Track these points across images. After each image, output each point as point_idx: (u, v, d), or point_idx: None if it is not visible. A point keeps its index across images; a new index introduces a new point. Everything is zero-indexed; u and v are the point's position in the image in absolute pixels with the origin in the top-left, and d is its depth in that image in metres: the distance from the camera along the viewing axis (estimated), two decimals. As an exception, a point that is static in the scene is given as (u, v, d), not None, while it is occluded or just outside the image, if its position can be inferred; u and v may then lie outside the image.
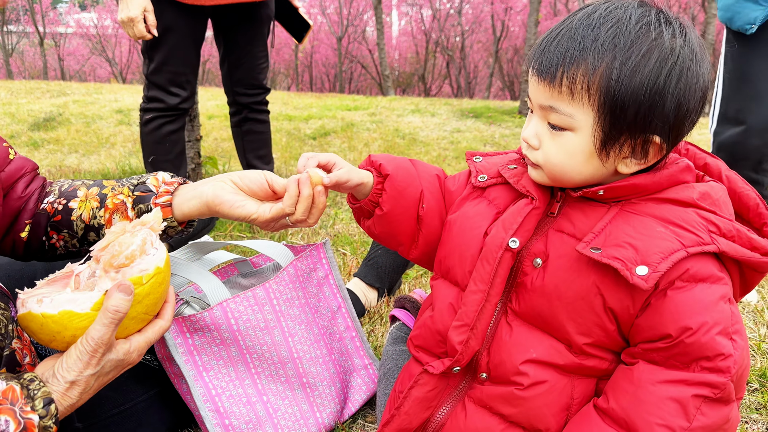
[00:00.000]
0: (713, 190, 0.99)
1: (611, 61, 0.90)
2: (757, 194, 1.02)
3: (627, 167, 0.97)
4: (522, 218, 1.02)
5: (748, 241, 0.95)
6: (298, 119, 6.92)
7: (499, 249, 1.01)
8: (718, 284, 0.92)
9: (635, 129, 0.93)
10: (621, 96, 0.90)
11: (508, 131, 6.32)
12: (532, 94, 0.99)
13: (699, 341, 0.89)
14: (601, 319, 0.96)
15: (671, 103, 0.91)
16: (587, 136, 0.95)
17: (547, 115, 0.97)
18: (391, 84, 13.62)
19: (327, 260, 1.36)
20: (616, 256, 0.91)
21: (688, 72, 0.92)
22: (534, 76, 0.97)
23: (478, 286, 1.02)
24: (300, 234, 2.70)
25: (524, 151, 1.03)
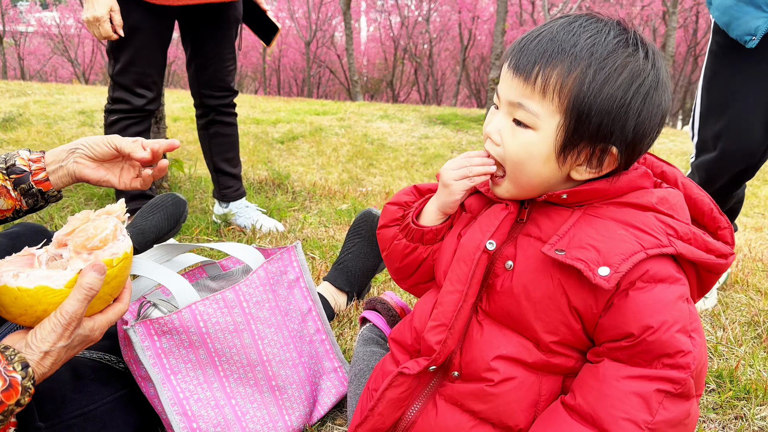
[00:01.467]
0: (671, 196, 1.04)
1: (586, 67, 0.94)
2: (711, 200, 1.07)
3: (579, 174, 1.02)
4: (499, 221, 1.05)
5: (703, 243, 1.00)
6: (265, 123, 6.87)
7: (477, 250, 1.04)
8: (677, 284, 0.97)
9: (596, 138, 0.97)
10: (589, 103, 0.94)
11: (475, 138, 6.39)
12: (504, 90, 1.02)
13: (660, 339, 0.92)
14: (566, 317, 1.00)
15: (633, 120, 0.96)
16: (549, 137, 0.98)
17: (514, 112, 1.00)
18: (360, 89, 13.64)
19: (298, 263, 1.36)
20: (580, 257, 0.95)
21: (654, 93, 0.97)
22: (509, 71, 1.00)
23: (455, 287, 1.05)
24: (269, 238, 2.68)
25: (486, 146, 1.06)
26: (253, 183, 3.80)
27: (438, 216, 1.16)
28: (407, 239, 1.17)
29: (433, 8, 18.85)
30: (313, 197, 3.56)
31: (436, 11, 19.26)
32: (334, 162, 5.43)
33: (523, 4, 17.23)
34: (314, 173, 5.12)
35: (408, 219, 1.18)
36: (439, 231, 1.16)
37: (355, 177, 5.05)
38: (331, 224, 2.99)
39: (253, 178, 3.97)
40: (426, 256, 1.18)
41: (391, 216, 1.20)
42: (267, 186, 3.75)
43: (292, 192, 3.63)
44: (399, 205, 1.21)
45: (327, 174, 5.11)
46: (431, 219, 1.17)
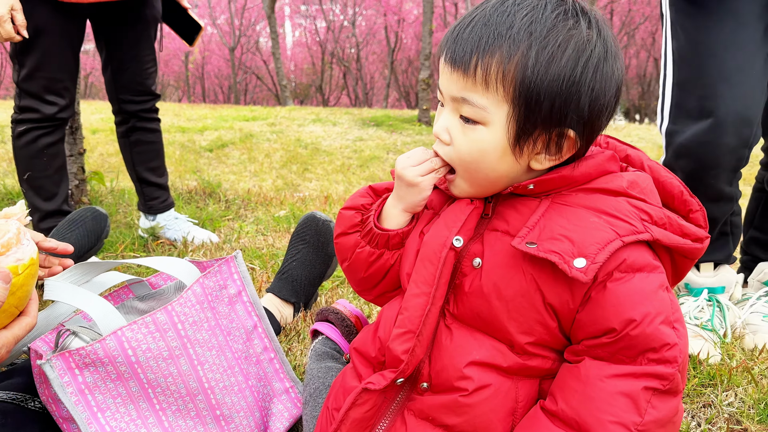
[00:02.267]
0: (640, 179, 0.98)
1: (527, 49, 0.87)
2: (680, 182, 1.02)
3: (540, 163, 0.95)
4: (465, 216, 0.97)
5: (679, 228, 0.95)
6: (192, 131, 6.61)
7: (443, 248, 0.95)
8: (655, 273, 0.91)
9: (550, 122, 0.90)
10: (537, 87, 0.87)
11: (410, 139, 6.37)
12: (444, 85, 0.94)
13: (644, 333, 0.86)
14: (541, 316, 0.92)
15: (586, 96, 0.89)
16: (500, 130, 0.91)
17: (460, 108, 0.93)
18: (289, 94, 13.42)
19: (239, 275, 1.23)
20: (553, 249, 0.88)
21: (605, 64, 0.91)
22: (447, 65, 0.92)
23: (420, 289, 0.95)
24: (203, 250, 2.51)
25: (435, 147, 0.98)
26: (182, 193, 3.59)
27: (404, 217, 1.06)
28: (371, 246, 1.07)
29: (358, 12, 18.86)
30: (248, 205, 3.39)
31: (361, 15, 19.29)
32: (267, 168, 5.25)
33: (447, 6, 17.50)
34: (247, 180, 4.93)
35: (369, 223, 1.07)
36: (406, 234, 1.06)
37: (290, 183, 4.90)
38: (270, 232, 2.84)
39: (181, 188, 3.76)
40: (393, 263, 1.07)
41: (349, 222, 1.09)
42: (197, 195, 3.55)
43: (225, 201, 3.45)
44: (356, 209, 1.10)
45: (261, 181, 4.93)
46: (396, 221, 1.06)
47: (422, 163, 0.99)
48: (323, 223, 1.74)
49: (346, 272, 1.12)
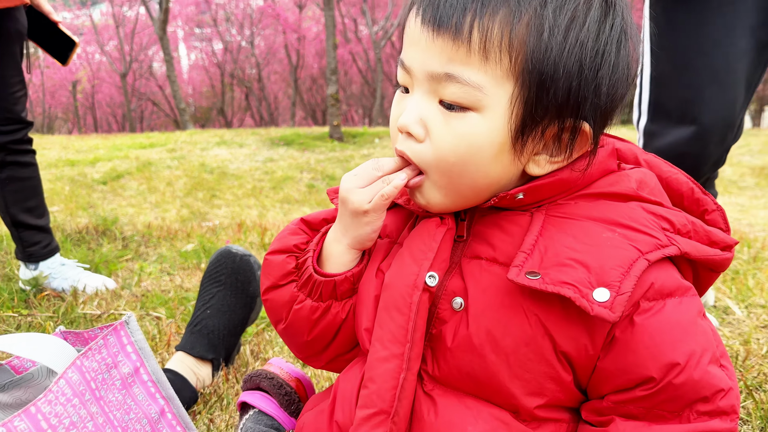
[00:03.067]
0: (647, 177, 0.79)
1: (540, 7, 0.65)
2: (688, 177, 0.83)
3: (539, 167, 0.73)
4: (437, 243, 0.72)
5: (705, 235, 0.76)
6: (82, 163, 6.04)
7: (413, 290, 0.71)
8: (688, 296, 0.71)
9: (565, 110, 0.69)
10: (554, 57, 0.66)
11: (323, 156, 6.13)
12: (418, 59, 0.70)
13: (691, 379, 0.66)
14: (553, 369, 0.70)
15: (607, 78, 0.69)
16: (500, 118, 0.68)
17: (441, 90, 0.69)
18: (189, 118, 12.79)
19: (134, 346, 0.92)
20: (564, 280, 0.66)
21: (626, 40, 0.70)
22: (425, 28, 0.68)
23: (389, 350, 0.70)
24: (96, 300, 2.12)
25: (400, 146, 0.73)
26: (71, 234, 3.15)
27: (352, 255, 0.80)
28: (313, 299, 0.80)
29: (256, 32, 18.44)
30: (149, 241, 3.00)
31: (260, 35, 18.88)
32: (170, 198, 4.82)
33: (346, 22, 17.44)
34: (148, 213, 4.49)
35: (307, 269, 0.80)
36: (357, 275, 0.80)
37: (197, 211, 4.50)
38: (177, 270, 2.49)
39: (71, 229, 3.30)
40: (345, 316, 0.81)
41: (279, 271, 0.82)
42: (89, 235, 3.11)
43: (123, 238, 3.04)
44: (287, 251, 0.82)
45: (163, 212, 4.50)
46: (342, 261, 0.80)
47: (373, 182, 0.74)
48: (241, 258, 1.44)
49: (284, 336, 0.85)
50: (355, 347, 0.84)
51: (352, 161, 6.86)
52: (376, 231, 0.77)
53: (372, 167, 0.75)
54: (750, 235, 3.18)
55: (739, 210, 4.95)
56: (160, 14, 12.46)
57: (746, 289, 2.08)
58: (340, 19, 16.82)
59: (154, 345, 1.71)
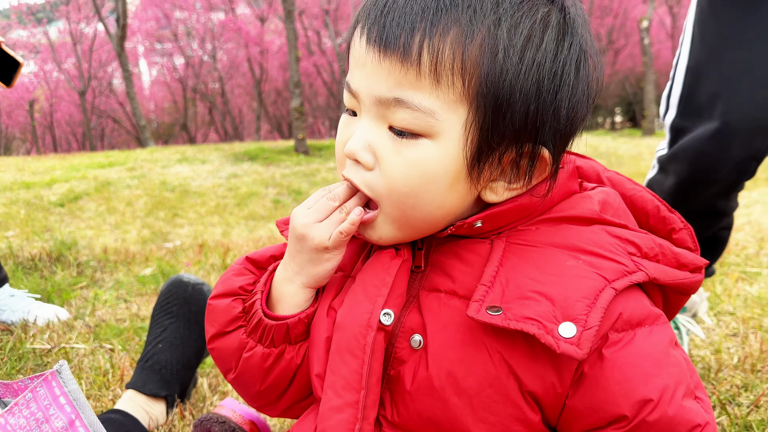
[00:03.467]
0: (610, 197, 0.74)
1: (494, 26, 0.60)
2: (653, 194, 0.79)
3: (496, 194, 0.68)
4: (392, 278, 0.66)
5: (674, 258, 0.72)
6: (38, 186, 5.85)
7: (366, 330, 0.65)
8: (658, 325, 0.67)
9: (523, 134, 0.64)
10: (509, 79, 0.61)
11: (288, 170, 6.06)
12: (364, 81, 0.65)
13: (666, 415, 0.62)
14: (520, 410, 0.65)
15: (566, 101, 0.64)
16: (454, 144, 0.63)
17: (390, 115, 0.64)
18: (150, 135, 12.55)
19: (67, 397, 0.83)
20: (527, 315, 0.61)
21: (586, 56, 0.66)
22: (371, 49, 0.63)
23: (342, 398, 0.65)
24: (48, 332, 2.01)
25: (348, 173, 0.68)
26: (23, 262, 3.01)
27: (306, 295, 0.74)
28: (264, 345, 0.74)
29: (218, 46, 18.27)
30: (105, 266, 2.88)
31: (222, 49, 18.72)
32: (130, 218, 4.68)
33: (310, 35, 17.41)
34: (107, 235, 4.35)
35: (256, 313, 0.73)
36: (313, 316, 0.74)
37: (159, 232, 4.38)
38: (134, 297, 2.39)
39: (23, 256, 3.15)
40: (301, 361, 0.75)
41: (225, 316, 0.75)
42: (41, 262, 2.98)
43: (77, 264, 2.91)
44: (232, 295, 0.76)
45: (123, 233, 4.36)
46: (296, 302, 0.74)
47: (331, 213, 0.69)
48: (193, 287, 1.37)
49: (235, 385, 0.78)
50: (312, 394, 0.78)
51: (318, 175, 6.79)
52: (335, 267, 0.72)
53: (326, 197, 0.70)
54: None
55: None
56: (118, 30, 12.25)
57: (714, 296, 2.07)
58: (302, 32, 16.78)
59: (107, 381, 1.61)
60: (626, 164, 8.12)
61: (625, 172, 2.78)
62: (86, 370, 1.69)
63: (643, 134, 11.32)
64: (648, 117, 11.60)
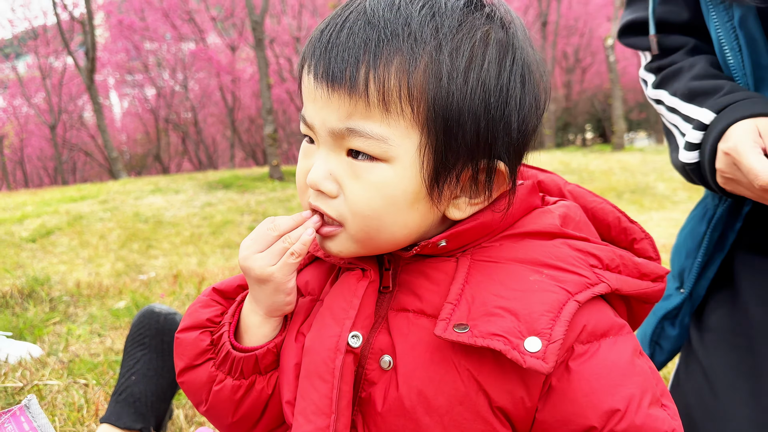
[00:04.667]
0: (571, 211, 0.76)
1: (435, 52, 0.63)
2: (613, 206, 0.81)
3: (460, 210, 0.70)
4: (359, 299, 0.67)
5: (635, 268, 0.74)
6: (8, 222, 5.75)
7: (335, 354, 0.66)
8: (623, 335, 0.69)
9: (476, 151, 0.66)
10: (456, 102, 0.63)
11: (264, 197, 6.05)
12: (317, 114, 0.66)
13: (633, 425, 0.63)
14: (491, 426, 0.66)
15: (516, 114, 0.67)
16: (411, 167, 0.65)
17: (346, 142, 0.65)
18: (122, 167, 12.44)
19: (35, 430, 0.83)
20: (493, 331, 0.62)
21: (531, 69, 0.69)
22: (319, 84, 0.65)
23: (313, 423, 0.65)
24: (20, 370, 1.97)
25: (314, 201, 0.69)
26: (-7, 299, 2.95)
27: (271, 324, 0.75)
28: (234, 377, 0.74)
29: (189, 76, 18.24)
30: (78, 301, 2.84)
31: (193, 79, 18.69)
32: (103, 252, 4.62)
33: (281, 62, 17.50)
34: (81, 269, 4.28)
35: (224, 345, 0.74)
36: (281, 345, 0.75)
37: (133, 264, 4.32)
38: (108, 331, 2.36)
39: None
40: (272, 391, 0.75)
41: (193, 349, 0.75)
42: (13, 299, 2.92)
43: (50, 300, 2.87)
44: (200, 327, 0.76)
45: (97, 267, 4.30)
46: (262, 333, 0.75)
47: (272, 245, 0.70)
48: (165, 317, 1.36)
49: (208, 417, 0.78)
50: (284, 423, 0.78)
51: (294, 200, 6.78)
52: (290, 295, 0.73)
53: (268, 228, 0.71)
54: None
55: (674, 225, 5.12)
56: (87, 63, 12.18)
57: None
58: (274, 60, 16.86)
59: (81, 416, 1.58)
60: (597, 179, 8.26)
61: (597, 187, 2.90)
62: (60, 407, 1.66)
63: (613, 149, 11.53)
64: (617, 132, 11.83)
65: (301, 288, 0.77)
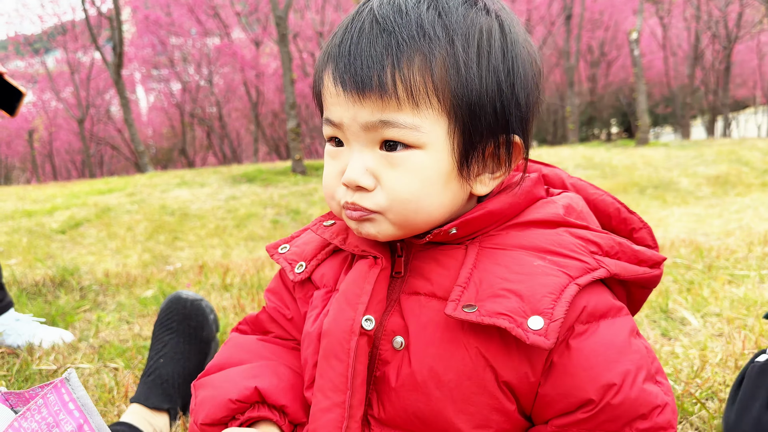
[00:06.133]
0: (573, 201, 0.81)
1: (449, 47, 0.69)
2: (613, 198, 0.86)
3: (485, 185, 0.76)
4: (371, 285, 0.73)
5: (633, 254, 0.78)
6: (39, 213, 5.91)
7: (350, 336, 0.71)
8: (621, 316, 0.74)
9: (497, 128, 0.73)
10: (475, 89, 0.69)
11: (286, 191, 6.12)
12: (347, 114, 0.71)
13: (629, 398, 0.68)
14: (497, 400, 0.71)
15: (522, 89, 0.73)
16: (443, 150, 0.71)
17: (378, 135, 0.70)
18: (149, 160, 12.65)
19: (75, 403, 0.89)
20: (498, 311, 0.68)
21: (526, 48, 0.75)
22: (348, 93, 0.70)
23: (330, 399, 0.70)
24: (53, 354, 2.06)
25: (350, 198, 0.73)
26: (27, 288, 3.06)
27: None
28: None
29: (214, 71, 18.44)
30: (107, 290, 2.94)
31: (218, 74, 18.89)
32: (130, 243, 4.74)
33: (305, 57, 17.60)
34: (108, 260, 4.40)
35: None
36: None
37: (159, 255, 4.43)
38: (136, 318, 2.44)
39: (26, 282, 3.20)
40: None
41: None
42: (45, 287, 3.03)
43: (80, 288, 2.97)
44: None
45: (125, 258, 4.42)
46: None
47: None
48: (191, 303, 1.43)
49: None
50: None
51: (316, 194, 6.86)
52: None
53: None
54: (705, 244, 3.26)
55: (695, 220, 5.08)
56: (115, 58, 12.40)
57: (701, 299, 2.12)
58: (297, 54, 16.96)
59: (112, 397, 1.66)
60: (620, 174, 8.19)
61: (620, 182, 2.91)
62: (91, 388, 1.74)
63: (637, 144, 11.40)
64: (641, 127, 11.69)
65: (317, 282, 0.83)
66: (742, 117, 21.68)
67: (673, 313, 2.01)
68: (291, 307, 0.90)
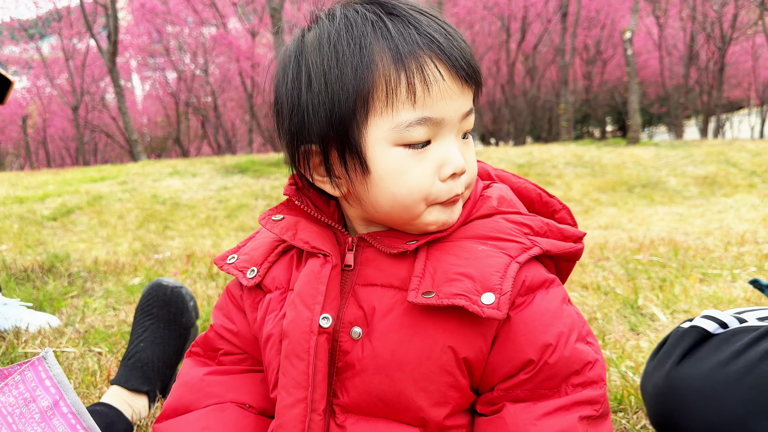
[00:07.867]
0: (504, 192, 0.89)
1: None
2: (534, 185, 0.95)
3: None
4: (325, 284, 0.78)
5: (559, 232, 0.87)
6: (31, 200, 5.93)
7: (309, 335, 0.77)
8: (554, 287, 0.82)
9: None
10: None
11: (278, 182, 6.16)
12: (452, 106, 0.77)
13: (563, 356, 0.76)
14: (454, 377, 0.78)
15: None
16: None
17: (464, 125, 0.80)
18: (142, 149, 12.65)
19: (52, 380, 0.94)
20: (455, 292, 0.75)
21: None
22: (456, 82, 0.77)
23: (293, 396, 0.76)
24: (40, 338, 2.11)
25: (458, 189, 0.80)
26: (16, 273, 3.10)
27: None
28: None
29: (209, 60, 18.39)
30: (95, 276, 2.98)
31: (213, 63, 18.83)
32: (121, 231, 4.78)
33: (300, 48, 17.53)
34: (99, 248, 4.44)
35: None
36: None
37: (149, 244, 4.47)
38: (122, 305, 2.49)
39: (16, 268, 3.25)
40: None
41: None
42: (34, 273, 3.07)
43: (68, 275, 3.01)
44: None
45: (115, 246, 4.46)
46: None
47: None
48: (172, 290, 1.48)
49: None
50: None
51: (308, 186, 6.87)
52: None
53: None
54: (683, 243, 3.33)
55: (678, 219, 5.15)
56: (109, 46, 12.37)
57: (672, 296, 2.19)
58: (294, 46, 16.90)
59: (94, 380, 1.71)
60: (609, 173, 8.27)
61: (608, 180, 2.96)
62: (75, 372, 1.79)
63: (628, 143, 11.48)
64: (632, 126, 11.77)
65: (269, 285, 0.87)
66: (736, 118, 21.79)
67: (643, 309, 2.08)
68: (237, 321, 0.92)
